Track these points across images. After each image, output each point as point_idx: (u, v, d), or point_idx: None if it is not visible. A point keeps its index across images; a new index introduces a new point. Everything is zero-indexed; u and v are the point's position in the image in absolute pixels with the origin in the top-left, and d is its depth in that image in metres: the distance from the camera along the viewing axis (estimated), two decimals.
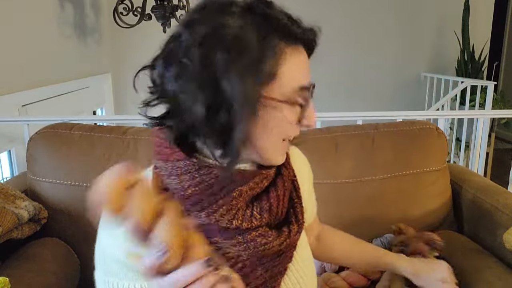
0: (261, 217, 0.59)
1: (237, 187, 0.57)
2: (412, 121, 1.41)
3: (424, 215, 1.28)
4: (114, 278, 0.58)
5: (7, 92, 1.64)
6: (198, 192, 0.56)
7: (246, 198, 0.58)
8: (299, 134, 0.61)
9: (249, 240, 0.58)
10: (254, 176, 0.58)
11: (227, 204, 0.56)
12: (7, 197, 1.10)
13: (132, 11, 2.42)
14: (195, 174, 0.56)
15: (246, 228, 0.58)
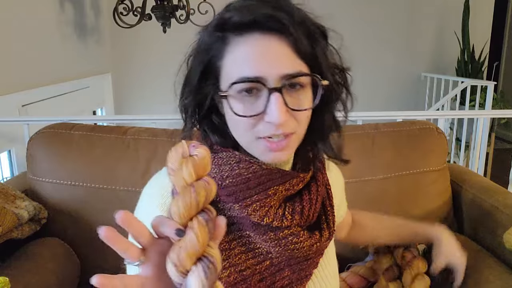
0: (292, 218, 0.59)
1: (273, 186, 0.58)
2: (412, 121, 1.41)
3: (424, 215, 1.28)
4: None
5: (7, 92, 1.64)
6: (235, 184, 0.58)
7: (281, 198, 0.59)
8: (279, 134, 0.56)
9: (281, 238, 0.60)
10: (292, 177, 0.59)
11: (261, 200, 0.58)
12: (7, 197, 1.10)
13: (132, 11, 2.42)
14: (235, 166, 0.59)
15: (276, 227, 0.59)
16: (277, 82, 0.53)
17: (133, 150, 1.26)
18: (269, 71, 0.53)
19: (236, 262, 0.60)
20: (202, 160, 0.42)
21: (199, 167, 0.41)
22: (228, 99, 0.55)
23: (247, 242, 0.61)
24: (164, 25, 2.47)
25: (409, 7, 3.74)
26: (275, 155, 0.57)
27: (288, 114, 0.54)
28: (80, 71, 2.43)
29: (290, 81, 0.54)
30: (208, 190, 0.41)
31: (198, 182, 0.41)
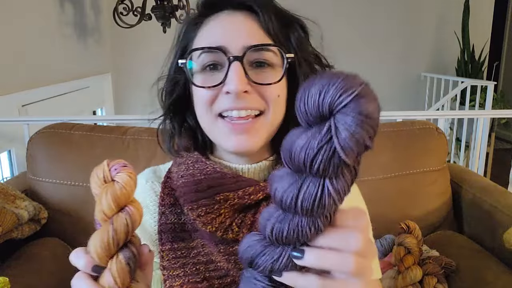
0: (239, 231, 0.53)
1: (224, 192, 0.53)
2: (412, 121, 1.41)
3: (424, 215, 1.28)
4: None
5: (7, 92, 1.64)
6: (187, 184, 0.56)
7: (235, 207, 0.53)
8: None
9: (230, 253, 0.54)
10: (248, 185, 0.53)
11: (208, 206, 0.53)
12: (7, 197, 1.10)
13: (132, 11, 2.42)
14: (190, 166, 0.57)
15: (227, 239, 0.54)
16: (239, 51, 0.51)
17: (133, 150, 1.26)
18: (232, 42, 0.51)
19: (191, 272, 0.54)
20: (124, 187, 0.39)
21: (120, 196, 0.38)
22: (187, 70, 0.54)
23: (209, 253, 0.55)
24: (164, 25, 2.46)
25: (409, 7, 3.74)
26: (238, 139, 0.52)
27: (249, 86, 0.51)
28: (80, 71, 2.43)
29: (257, 58, 0.52)
30: (132, 221, 0.38)
31: (118, 216, 0.38)
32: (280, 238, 0.33)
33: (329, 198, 0.30)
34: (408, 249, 1.10)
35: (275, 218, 0.33)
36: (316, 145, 0.27)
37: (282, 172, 0.32)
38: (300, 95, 0.29)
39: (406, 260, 1.08)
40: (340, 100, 0.27)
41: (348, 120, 0.27)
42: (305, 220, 0.31)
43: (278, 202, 0.32)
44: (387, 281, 1.09)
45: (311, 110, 0.28)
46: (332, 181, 0.30)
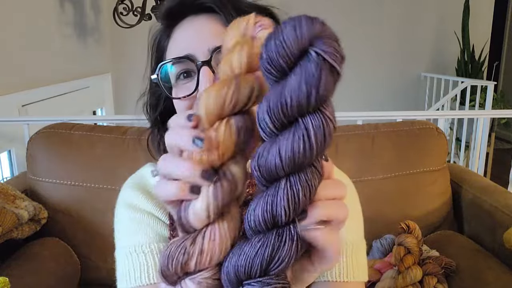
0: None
1: None
2: (412, 121, 1.41)
3: (424, 215, 1.28)
4: (130, 239, 0.59)
5: (7, 92, 1.64)
6: None
7: None
8: None
9: None
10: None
11: None
12: (7, 197, 1.10)
13: (132, 11, 2.42)
14: None
15: None
16: (206, 56, 0.50)
17: (133, 150, 1.26)
18: (198, 47, 0.51)
19: None
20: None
21: (254, 54, 0.31)
22: (160, 84, 0.54)
23: None
24: None
25: (409, 7, 3.74)
26: None
27: None
28: (80, 71, 2.43)
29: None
30: (256, 90, 0.31)
31: (247, 77, 0.31)
32: (272, 218, 0.30)
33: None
34: (408, 249, 1.10)
35: (258, 198, 0.31)
36: (315, 74, 0.27)
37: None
38: (272, 43, 0.28)
39: (406, 260, 1.08)
40: (315, 29, 0.27)
41: (328, 43, 0.27)
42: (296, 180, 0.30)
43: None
44: (387, 281, 1.09)
45: (291, 47, 0.27)
46: (316, 116, 0.29)
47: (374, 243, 1.24)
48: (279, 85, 0.28)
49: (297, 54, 0.27)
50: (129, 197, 0.62)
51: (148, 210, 0.60)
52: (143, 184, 0.64)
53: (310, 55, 0.27)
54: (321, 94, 0.27)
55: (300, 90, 0.27)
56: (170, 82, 0.54)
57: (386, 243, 1.21)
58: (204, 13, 0.54)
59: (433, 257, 1.12)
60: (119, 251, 0.60)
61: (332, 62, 0.27)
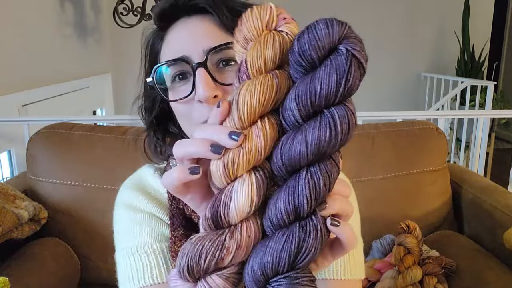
0: None
1: None
2: (412, 121, 1.41)
3: (424, 215, 1.28)
4: (132, 239, 0.58)
5: (7, 92, 1.64)
6: None
7: None
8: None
9: None
10: None
11: None
12: (7, 197, 1.10)
13: (132, 11, 2.42)
14: None
15: None
16: (201, 57, 0.50)
17: (133, 150, 1.26)
18: (193, 48, 0.51)
19: None
20: (289, 43, 0.32)
21: (285, 48, 0.32)
22: (156, 87, 0.53)
23: None
24: None
25: (409, 7, 3.74)
26: None
27: (219, 89, 0.49)
28: (80, 71, 2.43)
29: (221, 57, 0.51)
30: (288, 82, 0.32)
31: (282, 74, 0.32)
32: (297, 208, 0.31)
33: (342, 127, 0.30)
34: (408, 249, 1.10)
35: (277, 196, 0.31)
36: (345, 67, 0.29)
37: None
38: (305, 37, 0.30)
39: (406, 260, 1.08)
40: (344, 30, 0.30)
41: (356, 42, 0.30)
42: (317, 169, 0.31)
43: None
44: (387, 281, 1.09)
45: (323, 42, 0.29)
46: (344, 106, 0.30)
47: (374, 243, 1.24)
48: (308, 76, 0.30)
49: (327, 49, 0.30)
50: (129, 198, 0.62)
51: (148, 210, 0.60)
52: (142, 185, 0.64)
53: (340, 50, 0.29)
54: (349, 85, 0.29)
55: (331, 79, 0.29)
56: (165, 85, 0.54)
57: (386, 243, 1.21)
58: (197, 14, 0.53)
59: (433, 257, 1.12)
60: (120, 252, 0.59)
61: (360, 58, 0.29)
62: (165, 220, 0.60)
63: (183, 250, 0.31)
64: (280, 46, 0.32)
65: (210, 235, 0.31)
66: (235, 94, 0.32)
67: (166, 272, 0.55)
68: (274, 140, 0.31)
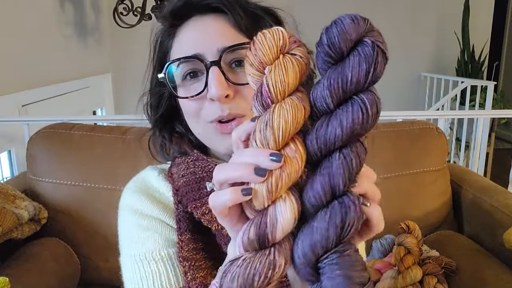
0: None
1: None
2: (412, 121, 1.41)
3: (424, 215, 1.28)
4: (139, 247, 0.57)
5: (7, 92, 1.64)
6: (189, 183, 0.55)
7: None
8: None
9: None
10: None
11: None
12: (7, 197, 1.10)
13: (132, 11, 2.42)
14: (191, 165, 0.57)
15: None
16: (215, 56, 0.50)
17: (133, 150, 1.26)
18: (207, 47, 0.51)
19: (211, 265, 0.55)
20: (304, 65, 0.34)
21: (304, 71, 0.34)
22: (168, 84, 0.53)
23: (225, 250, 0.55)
24: None
25: (409, 7, 3.74)
26: (229, 140, 0.53)
27: (231, 89, 0.50)
28: (80, 71, 2.43)
29: (234, 57, 0.51)
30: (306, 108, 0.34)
31: (305, 96, 0.34)
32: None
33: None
34: (408, 249, 1.10)
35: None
36: (372, 56, 0.31)
37: None
38: (334, 30, 0.32)
39: (406, 260, 1.08)
40: (367, 24, 0.33)
41: (378, 35, 0.33)
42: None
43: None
44: (387, 281, 1.09)
45: (351, 34, 0.32)
46: (370, 95, 0.33)
47: (374, 243, 1.23)
48: (338, 66, 0.33)
49: (354, 40, 0.32)
50: (134, 202, 0.61)
51: (155, 215, 0.59)
52: (145, 187, 0.62)
53: (366, 42, 0.32)
54: (377, 72, 0.32)
55: (361, 68, 0.32)
56: (174, 82, 0.54)
57: (386, 243, 1.21)
58: (210, 13, 0.53)
59: (433, 257, 1.12)
60: (128, 258, 0.58)
61: (383, 48, 0.32)
62: (171, 225, 0.59)
63: (231, 273, 0.31)
64: (299, 69, 0.34)
65: (258, 256, 0.32)
66: (265, 118, 0.33)
67: (175, 278, 0.55)
68: (305, 158, 0.33)
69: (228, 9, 0.52)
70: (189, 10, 0.54)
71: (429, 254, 1.14)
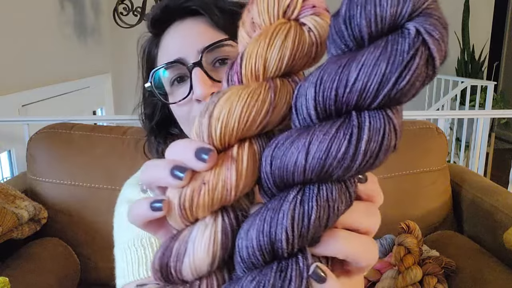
0: None
1: None
2: (412, 121, 1.41)
3: (424, 215, 1.28)
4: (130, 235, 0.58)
5: (7, 92, 1.64)
6: None
7: None
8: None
9: None
10: None
11: None
12: (7, 197, 1.10)
13: (132, 11, 2.42)
14: None
15: None
16: (196, 57, 0.50)
17: (133, 150, 1.26)
18: (188, 50, 0.51)
19: None
20: (311, 43, 0.23)
21: (300, 52, 0.23)
22: (155, 92, 0.54)
23: None
24: None
25: None
26: None
27: (215, 87, 0.49)
28: (80, 71, 2.43)
29: (216, 56, 0.51)
30: (289, 101, 0.23)
31: (286, 87, 0.23)
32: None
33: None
34: (408, 249, 1.10)
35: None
36: (405, 58, 0.19)
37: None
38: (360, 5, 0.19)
39: (406, 260, 1.08)
40: (425, 2, 0.19)
41: (437, 24, 0.19)
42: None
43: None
44: (387, 281, 1.09)
45: (385, 12, 0.19)
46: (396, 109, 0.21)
47: None
48: (345, 57, 0.20)
49: (388, 23, 0.19)
50: (129, 194, 0.63)
51: None
52: None
53: (407, 30, 0.19)
54: (402, 85, 0.19)
55: (376, 69, 0.19)
56: (164, 89, 0.54)
57: (386, 243, 1.21)
58: (189, 17, 0.54)
59: (433, 257, 1.12)
60: (118, 247, 0.60)
61: (434, 51, 0.19)
62: None
63: None
64: (293, 46, 0.22)
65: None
66: (211, 100, 0.23)
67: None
68: (254, 176, 0.23)
69: (205, 10, 0.52)
70: (168, 17, 0.54)
71: (429, 254, 1.14)
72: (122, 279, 0.56)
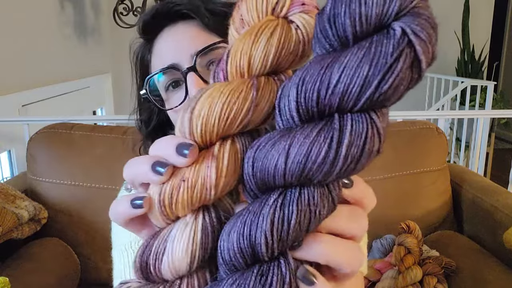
0: None
1: None
2: (412, 121, 1.41)
3: (424, 215, 1.28)
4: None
5: (7, 92, 1.64)
6: None
7: None
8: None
9: None
10: None
11: None
12: (7, 197, 1.10)
13: (132, 11, 2.42)
14: None
15: None
16: (190, 62, 0.50)
17: (133, 150, 1.26)
18: (181, 55, 0.51)
19: None
20: (303, 37, 0.23)
21: (286, 49, 0.22)
22: (151, 99, 0.53)
23: None
24: None
25: None
26: None
27: None
28: (80, 71, 2.43)
29: (210, 59, 0.50)
30: (272, 100, 0.23)
31: (270, 85, 0.23)
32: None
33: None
34: (408, 249, 1.10)
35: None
36: (388, 59, 0.18)
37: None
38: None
39: (406, 260, 1.08)
40: (413, 1, 0.18)
41: (425, 25, 0.18)
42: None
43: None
44: (387, 281, 1.09)
45: (370, 11, 0.18)
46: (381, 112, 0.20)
47: (374, 243, 1.23)
48: (328, 57, 0.20)
49: (375, 22, 0.19)
50: (127, 193, 0.63)
51: None
52: None
53: (393, 30, 0.18)
54: (385, 88, 0.19)
55: (359, 71, 0.19)
56: (160, 95, 0.54)
57: (386, 243, 1.21)
58: (180, 21, 0.53)
59: (433, 257, 1.12)
60: (116, 249, 0.59)
61: (420, 52, 0.18)
62: None
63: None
64: (279, 43, 0.22)
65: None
66: (194, 98, 0.23)
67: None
68: (235, 175, 0.22)
69: (195, 13, 0.52)
70: (159, 22, 0.54)
71: (429, 254, 1.14)
72: (119, 281, 0.56)
